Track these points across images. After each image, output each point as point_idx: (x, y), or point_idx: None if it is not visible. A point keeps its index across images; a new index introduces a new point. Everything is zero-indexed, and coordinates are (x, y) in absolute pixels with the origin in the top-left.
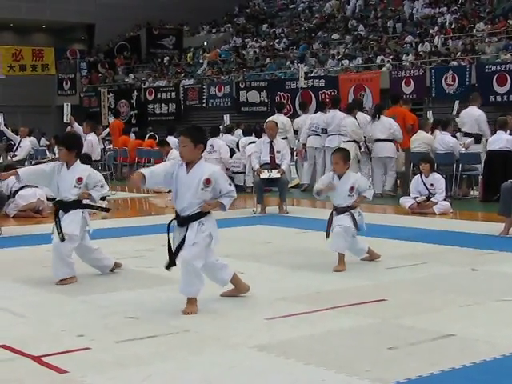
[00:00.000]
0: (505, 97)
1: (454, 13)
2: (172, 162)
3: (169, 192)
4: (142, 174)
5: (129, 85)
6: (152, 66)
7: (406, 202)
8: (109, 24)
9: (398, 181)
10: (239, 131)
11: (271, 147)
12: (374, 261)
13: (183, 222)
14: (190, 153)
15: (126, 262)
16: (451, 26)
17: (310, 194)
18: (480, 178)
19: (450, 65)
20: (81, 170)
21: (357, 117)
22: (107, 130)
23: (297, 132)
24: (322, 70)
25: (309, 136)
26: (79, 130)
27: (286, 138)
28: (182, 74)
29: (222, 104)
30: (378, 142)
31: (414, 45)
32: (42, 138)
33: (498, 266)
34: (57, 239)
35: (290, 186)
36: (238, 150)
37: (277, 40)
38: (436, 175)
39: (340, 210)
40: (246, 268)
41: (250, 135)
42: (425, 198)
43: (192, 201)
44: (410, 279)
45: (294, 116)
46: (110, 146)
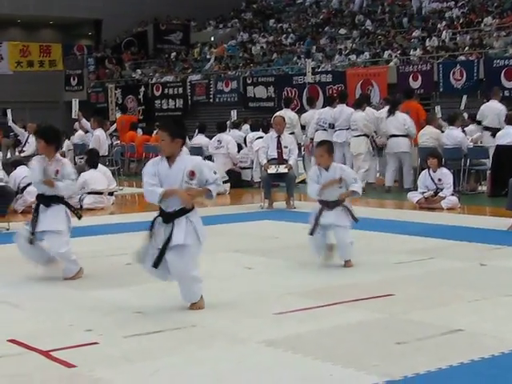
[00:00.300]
0: None
1: (461, 7)
2: (150, 163)
3: None
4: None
5: (136, 80)
6: (159, 61)
7: (414, 196)
8: (116, 20)
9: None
10: (246, 126)
11: (278, 142)
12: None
13: (168, 218)
14: (167, 147)
15: None
16: (459, 21)
17: None
18: (488, 172)
19: (457, 59)
20: (59, 162)
21: (365, 112)
22: (114, 126)
23: (304, 127)
24: (330, 65)
25: (316, 131)
26: (87, 125)
27: (293, 133)
28: (189, 70)
29: (229, 99)
30: (392, 138)
31: (421, 39)
32: None
33: (507, 261)
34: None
35: (297, 180)
36: (246, 145)
37: (284, 35)
38: (444, 170)
39: (332, 205)
40: (254, 263)
41: (258, 130)
42: (432, 192)
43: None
44: (418, 274)
45: (301, 111)
46: (118, 142)
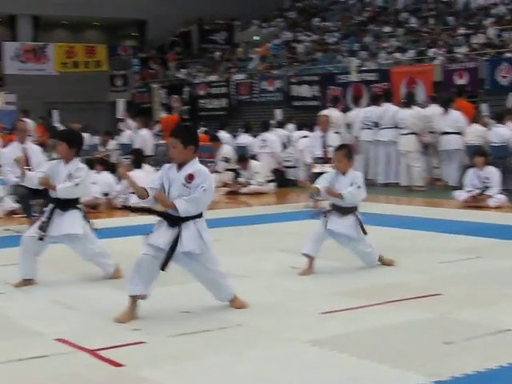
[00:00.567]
0: None
1: (508, 4)
2: (164, 166)
3: (221, 187)
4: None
5: (180, 80)
6: (203, 61)
7: (460, 195)
8: (160, 20)
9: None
10: (291, 126)
11: (323, 141)
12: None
13: (175, 221)
14: (180, 154)
15: None
16: (506, 17)
17: None
18: None
19: (504, 56)
20: (75, 165)
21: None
22: (159, 126)
23: (349, 126)
24: (374, 63)
25: (362, 129)
26: (132, 125)
27: (338, 133)
28: (234, 69)
29: (273, 98)
30: (445, 135)
31: (467, 37)
32: (95, 137)
33: None
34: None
35: None
36: (290, 144)
37: (328, 34)
38: (491, 168)
39: (344, 211)
40: (299, 262)
41: (302, 129)
42: (479, 191)
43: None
44: (465, 273)
45: (345, 110)
46: (163, 142)
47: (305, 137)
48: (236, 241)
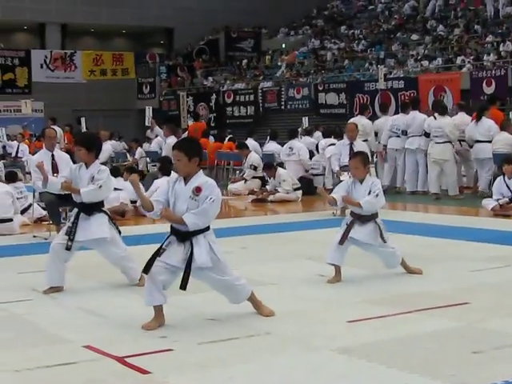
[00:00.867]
0: None
1: None
2: (168, 179)
3: (248, 195)
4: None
5: (208, 88)
6: (230, 68)
7: (489, 203)
8: (187, 28)
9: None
10: (318, 133)
11: (351, 149)
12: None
13: (185, 236)
14: (184, 167)
15: None
16: None
17: (390, 195)
18: None
19: None
20: (97, 168)
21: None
22: (186, 133)
23: (376, 134)
24: (402, 71)
25: (390, 137)
26: (160, 133)
27: (366, 141)
28: (261, 77)
29: (300, 106)
30: (477, 143)
31: (495, 44)
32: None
33: None
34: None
35: None
36: (318, 152)
37: (355, 41)
38: None
39: (364, 219)
40: (327, 270)
41: (330, 137)
42: (508, 199)
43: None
44: (494, 282)
45: (373, 118)
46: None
47: (332, 144)
48: (263, 249)
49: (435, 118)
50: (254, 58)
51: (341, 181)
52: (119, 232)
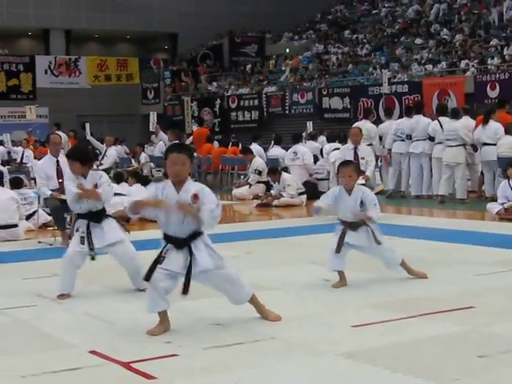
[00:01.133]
0: None
1: None
2: (153, 186)
3: (252, 199)
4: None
5: (212, 93)
6: (235, 73)
7: (494, 207)
8: (192, 33)
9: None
10: (323, 138)
11: (355, 153)
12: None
13: (183, 243)
14: (186, 171)
15: None
16: None
17: (395, 200)
18: None
19: None
20: (97, 175)
21: (441, 121)
22: (191, 138)
23: (381, 138)
24: (406, 75)
25: (394, 141)
26: (164, 138)
27: (371, 145)
28: (265, 82)
29: (304, 111)
30: (485, 146)
31: (499, 48)
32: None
33: None
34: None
35: (374, 192)
36: (322, 156)
37: (359, 46)
38: None
39: (355, 225)
40: (332, 275)
41: (334, 142)
42: None
43: (186, 219)
44: (499, 286)
45: (377, 122)
46: (195, 154)
47: (336, 149)
48: (267, 253)
49: (439, 122)
50: (258, 63)
51: None
52: (128, 231)
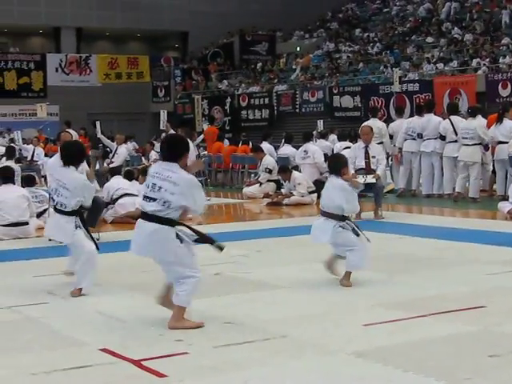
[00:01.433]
0: None
1: None
2: None
3: (263, 198)
4: None
5: (222, 91)
6: (245, 72)
7: (505, 206)
8: (202, 31)
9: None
10: (333, 136)
11: (366, 152)
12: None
13: None
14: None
15: (222, 267)
16: None
17: (405, 198)
18: None
19: None
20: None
21: (452, 120)
22: (201, 137)
23: (392, 137)
24: (417, 73)
25: (405, 140)
26: None
27: (381, 143)
28: (275, 80)
29: (315, 109)
30: (499, 145)
31: (510, 47)
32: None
33: None
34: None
35: (385, 190)
36: None
37: (370, 44)
38: None
39: (330, 216)
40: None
41: (345, 140)
42: None
43: None
44: (510, 285)
45: (388, 120)
46: (205, 152)
47: (347, 147)
48: (278, 252)
49: (450, 121)
50: (269, 61)
51: None
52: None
